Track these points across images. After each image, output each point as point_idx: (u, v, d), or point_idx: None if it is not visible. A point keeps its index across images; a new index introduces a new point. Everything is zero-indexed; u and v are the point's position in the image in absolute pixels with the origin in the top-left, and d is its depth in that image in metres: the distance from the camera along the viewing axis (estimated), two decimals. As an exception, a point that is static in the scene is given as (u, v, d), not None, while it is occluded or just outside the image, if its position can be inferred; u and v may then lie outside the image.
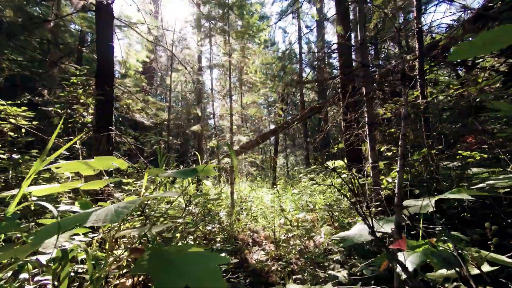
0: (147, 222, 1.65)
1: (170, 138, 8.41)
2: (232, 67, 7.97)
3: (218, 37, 8.09)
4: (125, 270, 1.34)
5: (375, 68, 3.58)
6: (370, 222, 0.96)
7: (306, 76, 12.45)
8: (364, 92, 2.96)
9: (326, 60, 13.93)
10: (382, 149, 3.04)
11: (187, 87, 10.29)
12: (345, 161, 4.62)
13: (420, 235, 1.09)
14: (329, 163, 4.98)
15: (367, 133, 2.95)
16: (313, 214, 3.89)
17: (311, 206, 4.16)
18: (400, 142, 1.11)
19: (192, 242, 1.86)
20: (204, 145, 9.61)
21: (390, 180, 2.82)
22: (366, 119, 2.96)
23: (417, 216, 1.88)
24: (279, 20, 5.78)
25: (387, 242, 1.77)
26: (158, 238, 1.59)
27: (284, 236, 3.38)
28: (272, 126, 14.18)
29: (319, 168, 5.70)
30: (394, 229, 1.02)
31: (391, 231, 1.04)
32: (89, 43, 5.76)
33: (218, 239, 3.54)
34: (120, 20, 4.17)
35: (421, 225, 1.08)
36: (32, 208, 1.65)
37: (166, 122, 6.80)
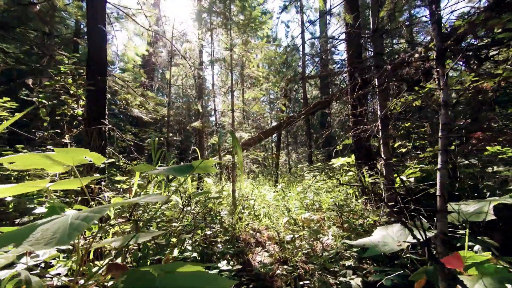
0: (141, 226, 1.46)
1: (170, 134, 8.22)
2: (234, 62, 7.75)
3: (220, 31, 7.87)
4: (110, 283, 1.14)
5: (388, 59, 3.35)
6: (423, 235, 0.75)
7: (310, 72, 12.20)
8: (376, 84, 2.74)
9: (330, 56, 13.68)
10: (396, 145, 2.82)
11: (187, 82, 10.09)
12: (353, 158, 4.41)
13: (466, 247, 0.89)
14: (334, 160, 4.77)
15: (380, 127, 2.74)
16: (319, 213, 3.70)
17: (316, 205, 3.96)
18: (440, 134, 0.91)
19: (190, 248, 1.67)
20: (205, 142, 9.41)
21: (404, 178, 2.62)
22: (379, 113, 2.75)
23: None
24: (284, 9, 5.53)
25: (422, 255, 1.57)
26: (151, 244, 1.39)
27: (290, 237, 3.18)
28: (274, 123, 13.95)
29: (324, 165, 5.49)
30: (438, 239, 0.82)
31: (434, 242, 0.84)
32: (85, 35, 5.55)
33: (219, 240, 3.36)
34: (116, 7, 3.97)
35: (467, 236, 0.88)
36: (10, 210, 1.45)
37: (165, 118, 6.60)
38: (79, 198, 1.92)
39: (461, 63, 3.49)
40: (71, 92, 2.44)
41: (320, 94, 14.93)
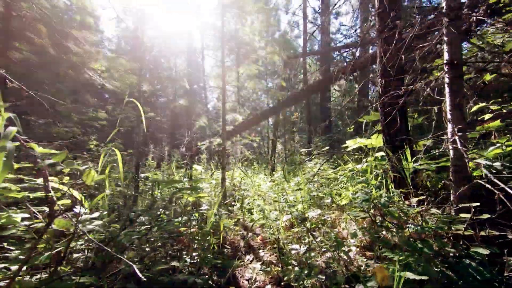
0: None
1: (151, 114, 7.09)
2: (225, 30, 6.58)
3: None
4: None
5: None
6: None
7: (312, 33, 11.02)
8: (444, 7, 1.67)
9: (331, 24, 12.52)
10: (474, 109, 1.78)
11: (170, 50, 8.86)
12: (376, 138, 3.39)
13: None
14: (350, 142, 3.74)
15: (447, 80, 1.69)
16: (334, 212, 2.70)
17: (328, 200, 2.95)
18: None
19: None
20: (193, 125, 8.31)
21: (483, 162, 1.59)
22: (446, 57, 1.69)
23: None
24: None
25: None
26: None
27: (295, 249, 2.18)
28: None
29: (333, 150, 4.48)
30: None
31: None
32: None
33: (196, 245, 2.36)
34: None
35: None
36: None
37: (142, 91, 5.46)
38: None
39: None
40: None
41: (320, 77, 13.79)
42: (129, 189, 4.50)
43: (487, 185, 1.25)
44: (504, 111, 1.64)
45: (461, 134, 1.49)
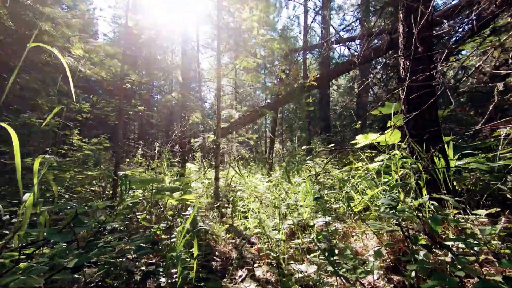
0: None
1: (141, 108, 6.57)
2: (222, 20, 6.09)
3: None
4: None
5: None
6: None
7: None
8: None
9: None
10: None
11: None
12: (390, 134, 2.91)
13: None
14: (360, 137, 3.26)
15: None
16: (346, 221, 2.21)
17: (337, 205, 2.47)
18: None
19: None
20: (186, 118, 7.79)
21: None
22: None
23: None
24: None
25: None
26: None
27: (299, 271, 1.69)
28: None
29: (339, 147, 4.01)
30: None
31: None
32: None
33: (172, 260, 1.87)
34: None
35: None
36: None
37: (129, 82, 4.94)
38: None
39: None
40: None
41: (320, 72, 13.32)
42: (108, 189, 4.01)
43: None
44: None
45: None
